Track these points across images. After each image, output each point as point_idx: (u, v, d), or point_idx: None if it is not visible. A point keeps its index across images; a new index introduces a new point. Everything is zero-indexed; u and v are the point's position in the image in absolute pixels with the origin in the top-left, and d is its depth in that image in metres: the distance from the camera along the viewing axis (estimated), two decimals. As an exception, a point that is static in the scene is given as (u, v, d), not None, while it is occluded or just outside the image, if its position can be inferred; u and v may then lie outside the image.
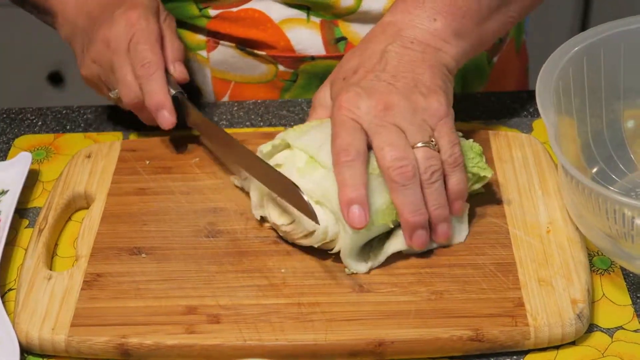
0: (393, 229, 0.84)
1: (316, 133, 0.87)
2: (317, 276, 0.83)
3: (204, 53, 1.10)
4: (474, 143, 0.88)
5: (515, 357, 0.79)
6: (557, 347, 0.79)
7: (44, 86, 2.25)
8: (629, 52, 0.91)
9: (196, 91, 1.13)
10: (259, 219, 0.88)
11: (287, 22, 1.07)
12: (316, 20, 1.07)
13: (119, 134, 1.03)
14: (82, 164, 0.96)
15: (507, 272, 0.82)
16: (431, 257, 0.85)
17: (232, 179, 0.93)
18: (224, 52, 1.10)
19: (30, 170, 0.95)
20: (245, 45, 1.09)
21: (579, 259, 0.83)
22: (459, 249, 0.85)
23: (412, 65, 0.87)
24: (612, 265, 0.85)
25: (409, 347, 0.78)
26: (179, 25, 1.04)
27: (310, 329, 0.78)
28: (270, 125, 1.04)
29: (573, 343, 0.79)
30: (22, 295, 0.82)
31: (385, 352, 0.78)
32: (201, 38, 1.10)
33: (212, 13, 1.08)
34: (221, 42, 1.09)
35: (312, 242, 0.84)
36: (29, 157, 0.96)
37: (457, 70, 0.91)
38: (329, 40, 1.07)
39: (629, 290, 0.83)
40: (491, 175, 0.87)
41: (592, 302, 0.81)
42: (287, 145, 0.88)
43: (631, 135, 0.94)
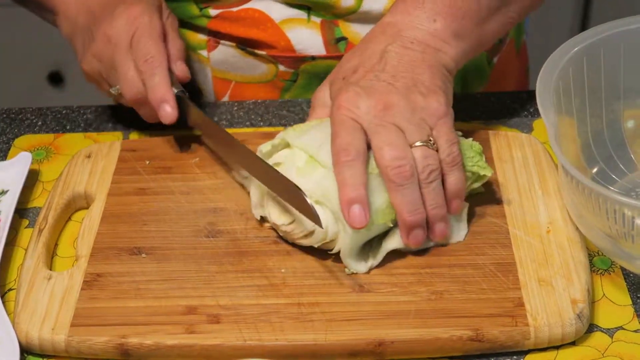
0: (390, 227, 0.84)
1: (316, 132, 0.87)
2: (317, 276, 0.83)
3: (204, 53, 1.10)
4: (474, 142, 0.88)
5: (515, 357, 0.79)
6: (557, 347, 0.79)
7: (44, 86, 2.24)
8: (629, 52, 0.91)
9: (197, 91, 1.13)
10: (258, 219, 0.88)
11: (288, 22, 1.07)
12: (317, 20, 1.07)
13: (119, 134, 1.03)
14: (82, 164, 0.96)
15: (507, 272, 0.82)
16: (431, 257, 0.85)
17: (233, 173, 0.93)
18: (225, 52, 1.10)
19: (30, 170, 0.95)
20: (246, 45, 1.08)
21: (579, 259, 0.83)
22: (459, 249, 0.85)
23: (412, 66, 0.87)
24: (612, 266, 0.85)
25: (409, 347, 0.78)
26: (179, 25, 1.04)
27: (310, 329, 0.78)
28: (270, 125, 1.04)
29: (573, 343, 0.79)
30: (22, 295, 0.82)
31: (385, 352, 0.78)
32: (202, 38, 1.10)
33: (213, 13, 1.08)
34: (221, 41, 1.09)
35: (312, 242, 0.84)
36: (29, 157, 0.96)
37: (457, 71, 0.91)
38: (329, 40, 1.07)
39: (629, 291, 0.83)
40: (491, 174, 0.87)
41: (592, 302, 0.81)
42: (286, 145, 0.88)
43: (631, 135, 0.94)
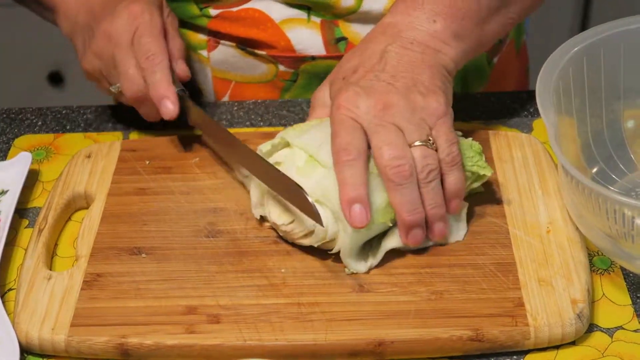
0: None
1: (316, 132, 0.87)
2: (317, 276, 0.83)
3: (204, 52, 1.10)
4: (474, 142, 0.88)
5: (515, 357, 0.79)
6: (557, 347, 0.79)
7: (44, 86, 2.24)
8: (629, 52, 0.91)
9: (197, 91, 1.13)
10: (258, 218, 0.88)
11: (288, 22, 1.07)
12: (316, 20, 1.07)
13: (119, 134, 1.03)
14: (82, 164, 0.96)
15: (507, 272, 0.82)
16: (431, 257, 0.85)
17: (235, 171, 0.93)
18: (225, 52, 1.10)
19: (30, 170, 0.95)
20: (246, 45, 1.08)
21: (579, 259, 0.83)
22: (458, 248, 0.85)
23: (412, 66, 0.87)
24: (612, 265, 0.85)
25: (408, 347, 0.78)
26: (179, 25, 1.04)
27: (310, 329, 0.78)
28: (270, 125, 1.04)
29: (573, 343, 0.79)
30: (22, 295, 0.82)
31: (385, 352, 0.78)
32: (202, 37, 1.10)
33: (213, 13, 1.08)
34: (222, 41, 1.09)
35: (312, 241, 0.83)
36: (29, 157, 0.95)
37: (457, 71, 0.91)
38: (329, 40, 1.07)
39: (629, 290, 0.83)
40: (490, 174, 0.87)
41: (592, 302, 0.81)
42: (286, 144, 0.88)
43: (631, 135, 0.94)
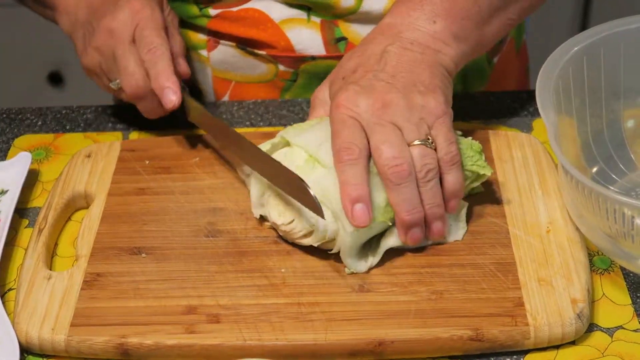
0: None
1: (316, 131, 0.87)
2: (317, 276, 0.83)
3: (204, 52, 1.10)
4: (474, 141, 0.88)
5: (515, 356, 0.79)
6: (557, 347, 0.79)
7: (44, 86, 2.24)
8: (629, 52, 0.91)
9: (197, 90, 1.13)
10: (258, 218, 0.88)
11: (288, 22, 1.07)
12: (316, 20, 1.07)
13: (119, 134, 1.03)
14: (82, 164, 0.96)
15: (507, 271, 0.82)
16: (431, 256, 0.85)
17: (237, 169, 0.93)
18: (225, 52, 1.10)
19: (30, 170, 0.95)
20: (246, 44, 1.08)
21: (579, 258, 0.83)
22: (458, 248, 0.85)
23: (411, 66, 0.86)
24: (612, 265, 0.85)
25: (408, 346, 0.78)
26: (179, 24, 1.04)
27: (310, 329, 0.78)
28: (270, 125, 1.04)
29: (573, 343, 0.79)
30: (22, 295, 0.82)
31: (385, 352, 0.78)
32: (202, 37, 1.10)
33: (213, 12, 1.08)
34: (221, 41, 1.09)
35: (311, 241, 0.83)
36: (29, 157, 0.96)
37: (457, 71, 0.91)
38: (329, 40, 1.07)
39: (629, 290, 0.83)
40: (490, 173, 0.87)
41: (592, 302, 0.81)
42: (286, 143, 0.88)
43: (631, 134, 0.94)
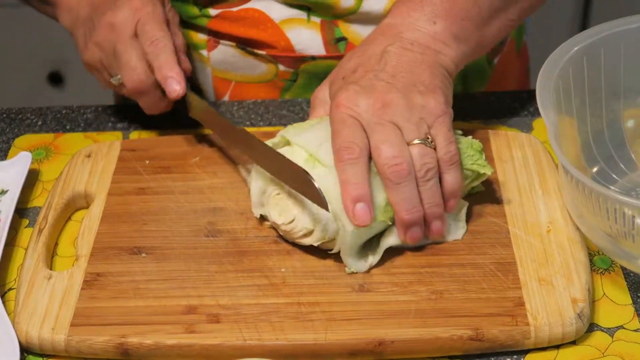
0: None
1: (316, 131, 0.87)
2: (317, 275, 0.83)
3: (204, 52, 1.10)
4: (474, 140, 0.88)
5: (515, 356, 0.78)
6: (558, 347, 0.79)
7: (44, 86, 2.24)
8: (629, 52, 0.91)
9: (197, 90, 1.13)
10: (258, 218, 0.88)
11: (288, 22, 1.07)
12: (316, 20, 1.07)
13: (119, 134, 1.03)
14: (82, 164, 0.96)
15: (507, 271, 0.82)
16: (431, 256, 0.85)
17: (238, 167, 0.93)
18: (225, 52, 1.10)
19: (30, 170, 0.95)
20: (246, 44, 1.08)
21: (579, 258, 0.83)
22: (458, 248, 0.85)
23: (411, 66, 0.87)
24: (613, 265, 0.85)
25: (408, 346, 0.78)
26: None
27: (310, 329, 0.78)
28: (270, 124, 1.04)
29: (573, 342, 0.79)
30: (22, 295, 0.82)
31: (385, 352, 0.78)
32: (202, 37, 1.10)
33: (213, 12, 1.08)
34: (221, 41, 1.09)
35: (311, 241, 0.83)
36: (29, 157, 0.96)
37: (457, 72, 0.91)
38: (329, 41, 1.07)
39: (629, 290, 0.83)
40: (490, 172, 0.87)
41: (593, 302, 0.81)
42: (286, 143, 0.88)
43: (631, 134, 0.94)
